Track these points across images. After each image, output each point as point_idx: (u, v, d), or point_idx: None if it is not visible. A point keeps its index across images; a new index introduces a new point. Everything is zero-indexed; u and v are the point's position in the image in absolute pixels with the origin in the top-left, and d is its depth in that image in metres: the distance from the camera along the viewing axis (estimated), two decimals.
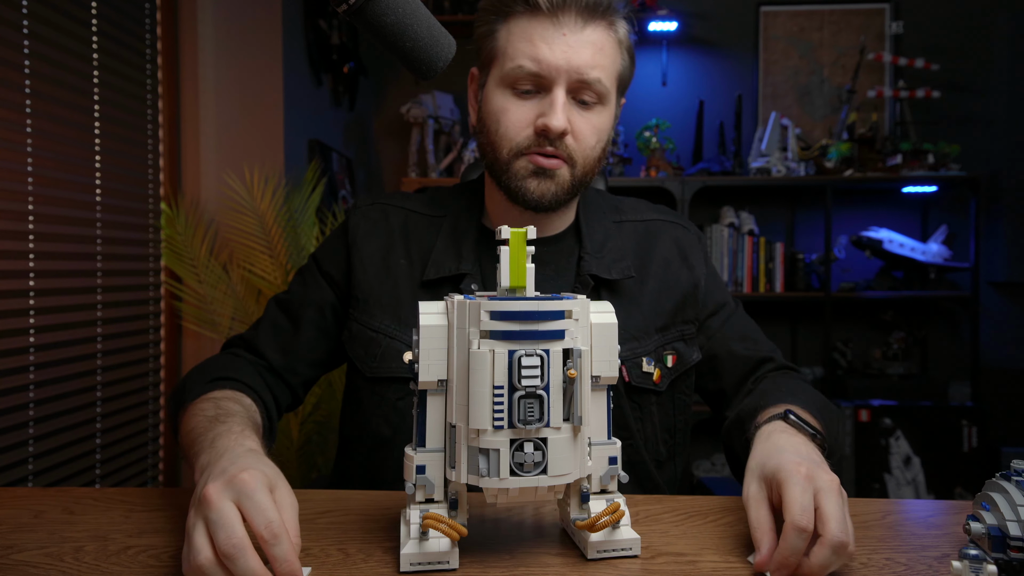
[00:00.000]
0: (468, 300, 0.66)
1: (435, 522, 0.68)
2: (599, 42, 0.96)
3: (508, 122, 0.97)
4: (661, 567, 0.71)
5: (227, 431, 0.79)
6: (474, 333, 0.65)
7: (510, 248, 0.68)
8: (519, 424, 0.65)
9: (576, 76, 0.94)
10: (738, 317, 1.13)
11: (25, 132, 1.71)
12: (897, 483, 2.92)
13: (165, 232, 2.27)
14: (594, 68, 0.95)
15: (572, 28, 0.94)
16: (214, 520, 0.62)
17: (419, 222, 1.08)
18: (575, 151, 0.97)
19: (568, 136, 0.96)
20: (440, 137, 3.19)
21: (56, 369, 1.81)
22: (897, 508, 0.91)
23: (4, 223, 1.65)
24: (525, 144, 0.97)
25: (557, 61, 0.93)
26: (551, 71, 0.94)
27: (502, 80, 0.97)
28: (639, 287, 1.05)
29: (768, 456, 0.76)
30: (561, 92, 0.94)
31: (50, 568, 0.71)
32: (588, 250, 1.04)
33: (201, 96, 2.39)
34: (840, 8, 3.32)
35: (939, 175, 2.99)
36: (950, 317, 3.30)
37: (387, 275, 1.05)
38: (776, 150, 3.06)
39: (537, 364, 0.65)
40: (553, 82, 0.94)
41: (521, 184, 0.98)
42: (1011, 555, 0.61)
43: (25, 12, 1.71)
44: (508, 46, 0.96)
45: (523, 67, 0.94)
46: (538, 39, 0.94)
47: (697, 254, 1.11)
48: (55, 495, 0.94)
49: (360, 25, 0.70)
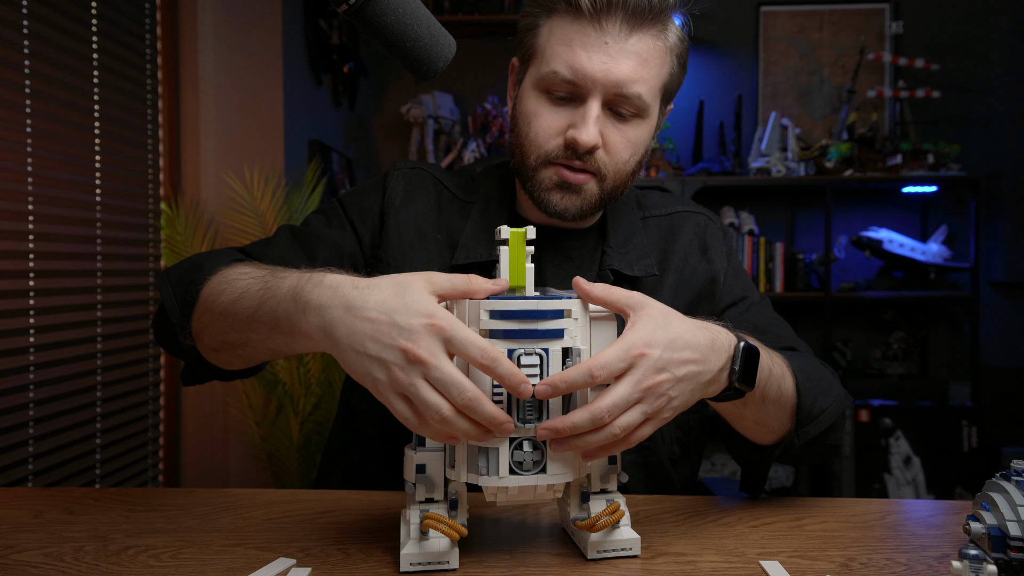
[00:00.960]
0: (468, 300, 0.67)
1: (435, 522, 0.68)
2: (644, 52, 0.89)
3: (539, 127, 0.92)
4: (661, 567, 0.71)
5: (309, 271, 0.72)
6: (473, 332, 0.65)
7: (509, 248, 0.68)
8: (518, 423, 0.65)
9: (614, 90, 0.88)
10: (760, 310, 1.06)
11: (25, 132, 1.71)
12: (897, 483, 2.92)
13: (165, 232, 2.27)
14: (635, 83, 0.89)
15: (616, 36, 0.88)
16: (439, 378, 0.62)
17: (451, 202, 1.04)
18: (606, 165, 0.92)
19: (600, 150, 0.91)
20: (440, 137, 3.19)
21: (56, 369, 1.81)
22: (897, 508, 0.91)
23: (4, 223, 1.65)
24: (554, 153, 0.92)
25: (595, 72, 0.87)
26: (587, 82, 0.88)
27: (538, 82, 0.92)
28: (659, 282, 1.02)
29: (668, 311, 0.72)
30: (596, 105, 0.89)
31: (50, 568, 0.71)
32: (612, 245, 1.01)
33: (201, 96, 2.39)
34: (840, 8, 3.32)
35: (939, 175, 2.99)
36: (950, 317, 3.31)
37: (423, 246, 1.00)
38: (776, 150, 3.06)
39: (536, 363, 0.65)
40: (588, 93, 0.89)
41: (545, 195, 0.94)
42: (1011, 555, 0.61)
43: (25, 12, 1.71)
44: (547, 47, 0.91)
45: (558, 73, 0.89)
46: (577, 45, 0.88)
47: (719, 247, 1.07)
48: (55, 495, 0.94)
49: (360, 25, 0.70)
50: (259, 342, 0.77)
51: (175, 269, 0.91)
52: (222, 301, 0.80)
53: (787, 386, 0.85)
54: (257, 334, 0.76)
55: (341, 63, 2.95)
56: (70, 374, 1.86)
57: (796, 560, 0.73)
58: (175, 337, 0.89)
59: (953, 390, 3.11)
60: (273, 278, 0.75)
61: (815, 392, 0.89)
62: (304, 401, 2.32)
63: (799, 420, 0.87)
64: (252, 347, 0.80)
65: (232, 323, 0.79)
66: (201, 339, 0.86)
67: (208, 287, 0.83)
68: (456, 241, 1.00)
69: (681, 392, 0.69)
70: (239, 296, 0.78)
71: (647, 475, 1.00)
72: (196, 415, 2.37)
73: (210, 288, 0.83)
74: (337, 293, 0.67)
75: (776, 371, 0.83)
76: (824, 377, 0.93)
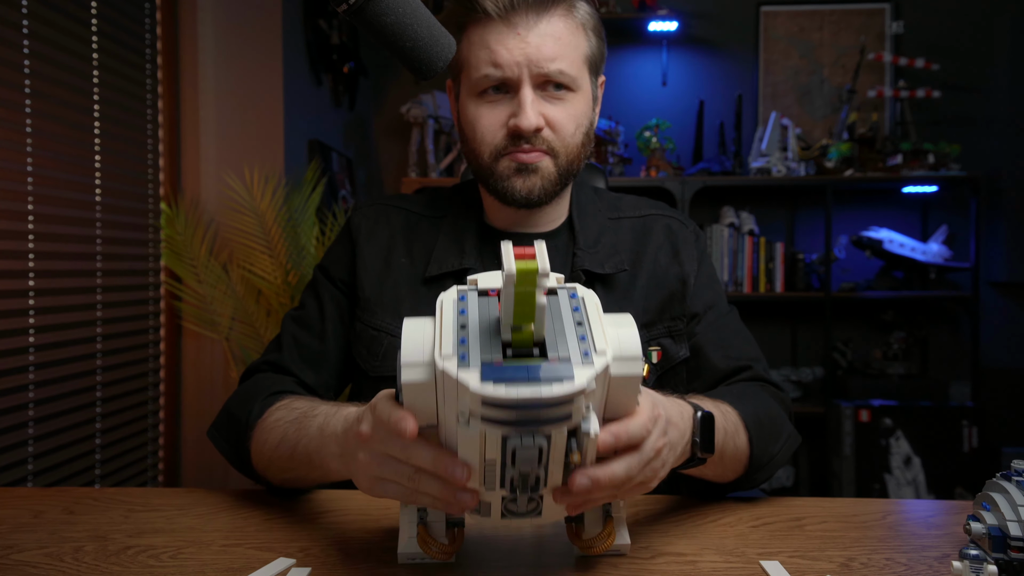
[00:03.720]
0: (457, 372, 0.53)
1: (424, 544, 0.68)
2: (557, 32, 0.95)
3: (483, 127, 0.98)
4: (661, 567, 0.71)
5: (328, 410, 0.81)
6: (462, 412, 0.54)
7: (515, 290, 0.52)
8: (512, 492, 0.61)
9: (537, 70, 0.94)
10: (725, 322, 1.09)
11: (25, 132, 1.71)
12: (897, 483, 2.92)
13: (165, 232, 2.27)
14: (555, 60, 0.95)
15: (526, 25, 0.94)
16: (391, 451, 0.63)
17: (419, 223, 1.08)
18: (554, 142, 0.98)
19: (544, 129, 0.97)
20: (440, 137, 3.19)
21: (56, 369, 1.81)
22: (897, 508, 0.91)
23: (4, 223, 1.65)
24: (502, 145, 0.97)
25: (516, 60, 0.94)
26: (512, 71, 0.94)
27: (471, 90, 0.98)
28: (631, 281, 1.04)
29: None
30: (527, 90, 0.95)
31: (50, 568, 0.71)
32: (581, 245, 1.04)
33: (201, 96, 2.39)
34: (840, 8, 3.32)
35: (939, 175, 2.99)
36: (950, 317, 3.30)
37: (388, 274, 1.05)
38: (776, 150, 3.06)
39: (535, 455, 0.56)
40: (518, 81, 0.95)
41: (507, 184, 0.98)
42: (1011, 555, 0.61)
43: (25, 12, 1.71)
44: (470, 55, 0.97)
45: (487, 75, 0.95)
46: (494, 43, 0.95)
47: (690, 250, 1.09)
48: (55, 495, 0.94)
49: (360, 25, 0.70)
50: (304, 476, 0.86)
51: (220, 426, 0.99)
52: (267, 450, 0.88)
53: (740, 441, 0.88)
54: (299, 471, 0.85)
55: (341, 63, 2.95)
56: (70, 374, 1.86)
57: (796, 560, 0.73)
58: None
59: (953, 390, 3.11)
60: (305, 419, 0.83)
61: (766, 441, 0.92)
62: None
63: (750, 468, 0.90)
64: (303, 480, 0.88)
65: (280, 466, 0.88)
66: (268, 478, 0.93)
67: (254, 442, 0.91)
68: (430, 257, 1.04)
69: (668, 459, 0.69)
70: (279, 442, 0.86)
71: None
72: (196, 415, 2.37)
73: (256, 442, 0.91)
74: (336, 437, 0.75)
75: (731, 428, 0.85)
76: (775, 420, 0.96)
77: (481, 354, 0.54)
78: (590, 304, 0.60)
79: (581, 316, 0.59)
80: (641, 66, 3.39)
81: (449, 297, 0.60)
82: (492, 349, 0.55)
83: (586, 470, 0.60)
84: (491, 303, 0.60)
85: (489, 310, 0.59)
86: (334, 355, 1.06)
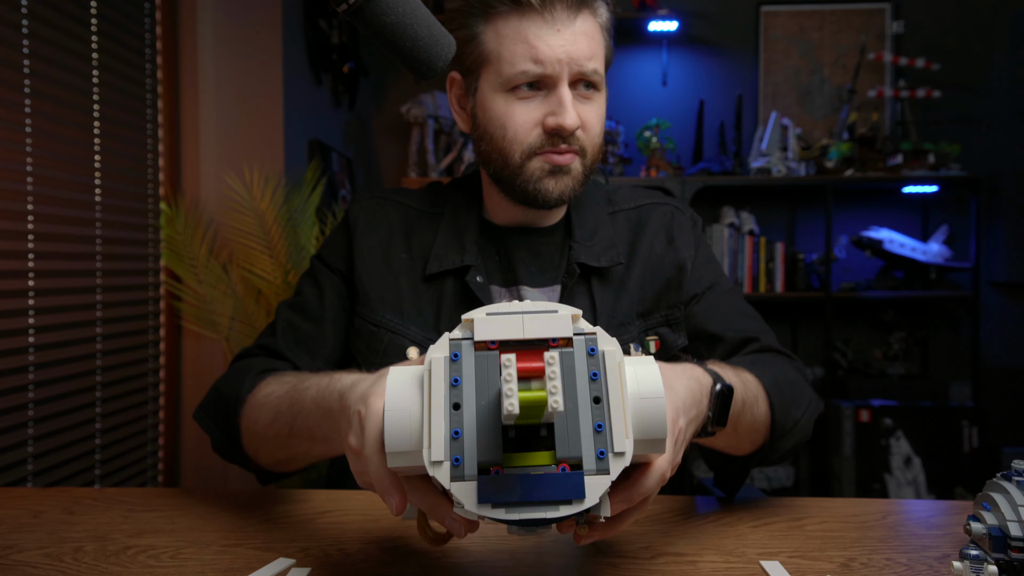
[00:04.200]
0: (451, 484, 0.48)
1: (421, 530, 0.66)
2: (589, 31, 0.94)
3: (515, 125, 0.95)
4: (661, 567, 0.71)
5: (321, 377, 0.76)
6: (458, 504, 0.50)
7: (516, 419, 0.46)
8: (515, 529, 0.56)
9: (577, 69, 0.93)
10: (727, 297, 1.07)
11: (25, 132, 1.71)
12: (897, 483, 2.92)
13: (165, 232, 2.27)
14: (591, 59, 0.94)
15: (564, 22, 0.92)
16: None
17: (418, 218, 1.07)
18: (585, 142, 0.97)
19: (579, 130, 0.95)
20: (440, 137, 3.19)
21: (55, 369, 1.81)
22: (898, 508, 0.91)
23: (4, 223, 1.65)
24: (537, 144, 0.95)
25: (559, 57, 0.91)
26: (554, 68, 0.92)
27: (501, 85, 0.95)
28: (627, 272, 1.03)
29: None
30: (567, 88, 0.93)
31: (49, 568, 0.71)
32: (578, 239, 1.03)
33: (201, 96, 2.38)
34: (840, 8, 3.32)
35: (940, 175, 2.99)
36: (951, 317, 3.30)
37: (388, 269, 1.03)
38: (776, 150, 3.06)
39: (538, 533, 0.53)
40: (557, 79, 0.92)
41: (539, 185, 0.96)
42: (1012, 555, 0.61)
43: (25, 12, 1.71)
44: (502, 49, 0.93)
45: (527, 71, 0.92)
46: (534, 38, 0.92)
47: (686, 236, 1.08)
48: (54, 495, 0.94)
49: (360, 25, 0.70)
50: (305, 453, 0.82)
51: (207, 406, 0.96)
52: (261, 427, 0.85)
53: (760, 410, 0.85)
54: (301, 448, 0.81)
55: (341, 63, 2.95)
56: (70, 374, 1.86)
57: (796, 560, 0.73)
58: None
59: (954, 390, 3.11)
60: (296, 393, 0.79)
61: (788, 405, 0.89)
62: None
63: (773, 436, 0.88)
64: (303, 458, 0.85)
65: (277, 444, 0.84)
66: (260, 459, 0.90)
67: (245, 419, 0.88)
68: (429, 253, 1.03)
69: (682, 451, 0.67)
70: (272, 419, 0.82)
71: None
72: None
73: (247, 419, 0.88)
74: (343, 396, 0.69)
75: (749, 399, 0.83)
76: (795, 385, 0.93)
77: (478, 453, 0.48)
78: (610, 365, 0.52)
79: (600, 388, 0.51)
80: (641, 66, 3.39)
81: (439, 357, 0.52)
82: (491, 437, 0.49)
83: (594, 532, 0.58)
84: (490, 362, 0.51)
85: (488, 372, 0.51)
86: (331, 342, 1.04)
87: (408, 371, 0.53)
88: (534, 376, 0.46)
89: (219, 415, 0.93)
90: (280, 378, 0.87)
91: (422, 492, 0.57)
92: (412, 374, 0.53)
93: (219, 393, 0.94)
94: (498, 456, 0.48)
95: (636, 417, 0.52)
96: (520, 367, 0.45)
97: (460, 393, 0.50)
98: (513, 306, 0.53)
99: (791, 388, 0.91)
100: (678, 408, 0.63)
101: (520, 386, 0.45)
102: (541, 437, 0.49)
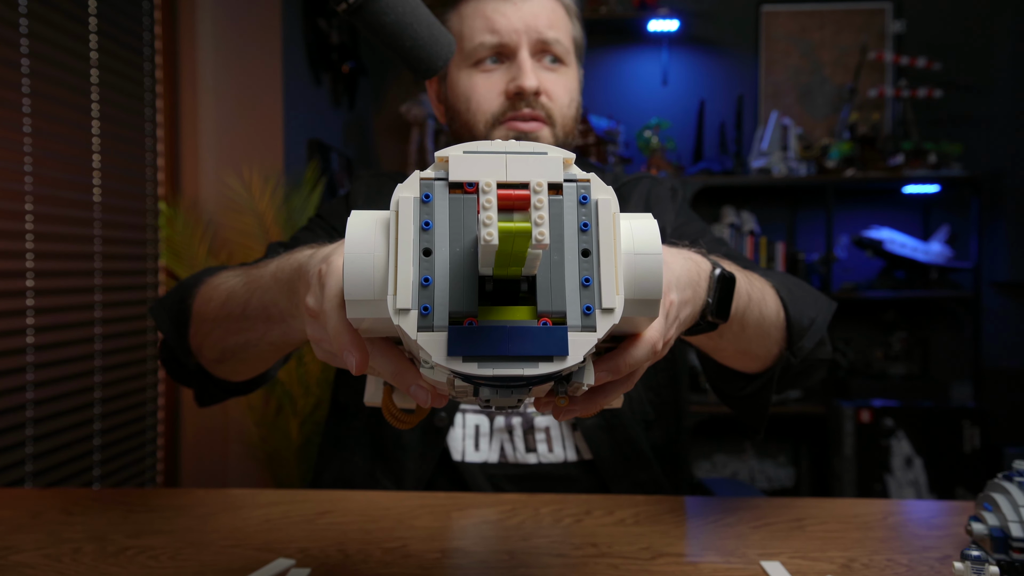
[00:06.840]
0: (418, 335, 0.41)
1: (388, 413, 0.61)
2: (550, 6, 0.98)
3: (479, 95, 0.98)
4: (662, 567, 0.71)
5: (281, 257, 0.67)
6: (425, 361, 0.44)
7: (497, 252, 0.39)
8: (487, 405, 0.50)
9: (536, 36, 0.96)
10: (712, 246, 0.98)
11: (24, 132, 1.71)
12: (898, 484, 2.92)
13: (164, 232, 2.27)
14: (551, 27, 0.96)
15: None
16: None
17: None
18: (552, 109, 0.98)
19: (542, 96, 0.97)
20: (440, 137, 3.19)
21: (54, 369, 1.81)
22: (898, 509, 0.91)
23: (3, 223, 1.65)
24: (500, 111, 0.97)
25: (515, 24, 0.95)
26: (511, 35, 0.95)
27: (464, 61, 0.98)
28: None
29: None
30: (526, 54, 0.96)
31: (48, 569, 0.71)
32: None
33: (200, 96, 2.38)
34: (841, 7, 3.31)
35: (941, 175, 2.99)
36: (952, 317, 3.30)
37: None
38: (777, 150, 3.06)
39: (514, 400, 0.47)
40: (516, 46, 0.96)
41: None
42: (1013, 556, 0.60)
43: (24, 12, 1.71)
44: (463, 28, 0.98)
45: (484, 43, 0.96)
46: (491, 12, 0.96)
47: (665, 204, 1.07)
48: (53, 496, 0.94)
49: (359, 24, 0.70)
50: (258, 339, 0.75)
51: (166, 296, 0.90)
52: (212, 308, 0.79)
53: (770, 308, 0.79)
54: (254, 331, 0.74)
55: (341, 63, 2.95)
56: (69, 374, 1.86)
57: (797, 561, 0.73)
58: (180, 361, 0.89)
59: (955, 390, 3.11)
60: (255, 270, 0.73)
61: (801, 304, 0.84)
62: (303, 401, 2.31)
63: (791, 337, 0.82)
64: (253, 347, 0.77)
65: (227, 327, 0.77)
66: (203, 354, 0.85)
67: (197, 300, 0.83)
68: None
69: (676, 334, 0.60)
70: (226, 299, 0.76)
71: (610, 437, 0.98)
72: (195, 415, 2.37)
73: (199, 300, 0.82)
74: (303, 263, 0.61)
75: (756, 294, 0.76)
76: (804, 287, 0.89)
77: (450, 303, 0.42)
78: (603, 216, 0.44)
79: (590, 240, 0.44)
80: (641, 65, 3.39)
81: (408, 197, 0.44)
82: (465, 287, 0.42)
83: (574, 406, 0.51)
84: (467, 205, 0.44)
85: (464, 216, 0.44)
86: None
87: (372, 214, 0.46)
88: (518, 207, 0.39)
89: (173, 303, 0.87)
90: (242, 267, 0.82)
91: (387, 356, 0.48)
92: (377, 217, 0.46)
93: (179, 284, 0.89)
94: (472, 307, 0.42)
95: (629, 273, 0.45)
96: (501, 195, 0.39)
97: (431, 238, 0.43)
98: (496, 145, 0.44)
99: (800, 289, 0.87)
100: (670, 282, 0.57)
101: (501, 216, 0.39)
102: (522, 294, 0.43)
